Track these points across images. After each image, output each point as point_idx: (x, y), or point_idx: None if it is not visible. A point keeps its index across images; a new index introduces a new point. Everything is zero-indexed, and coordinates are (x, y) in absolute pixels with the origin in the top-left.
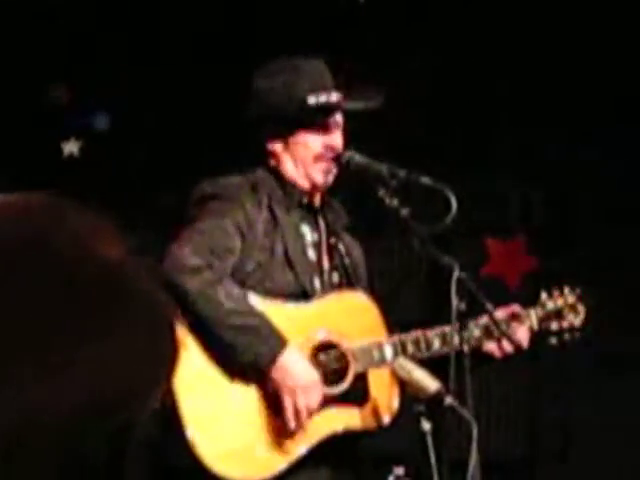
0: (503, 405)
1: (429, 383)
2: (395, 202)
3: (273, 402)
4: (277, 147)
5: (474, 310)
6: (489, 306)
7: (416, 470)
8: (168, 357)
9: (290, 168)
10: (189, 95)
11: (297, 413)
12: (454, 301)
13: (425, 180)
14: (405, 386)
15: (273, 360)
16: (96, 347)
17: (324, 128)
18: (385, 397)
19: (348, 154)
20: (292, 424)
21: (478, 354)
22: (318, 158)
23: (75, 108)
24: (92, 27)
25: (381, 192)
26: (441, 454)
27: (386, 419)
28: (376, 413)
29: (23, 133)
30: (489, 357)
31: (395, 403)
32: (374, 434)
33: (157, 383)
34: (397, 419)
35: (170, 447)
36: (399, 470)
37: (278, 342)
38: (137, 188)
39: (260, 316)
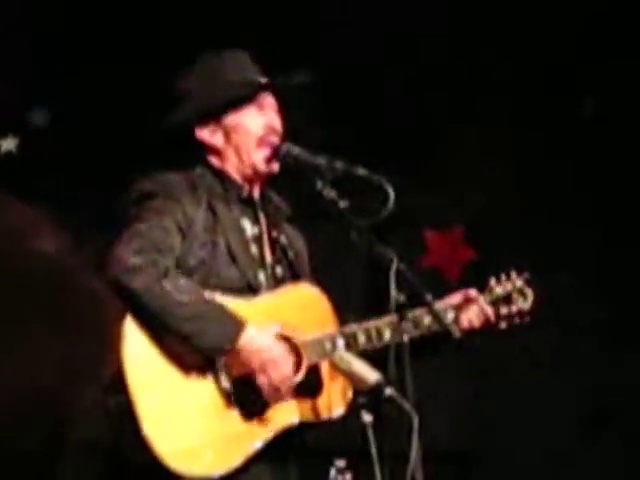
0: (444, 396)
1: (369, 375)
2: (333, 194)
3: (229, 396)
4: (217, 141)
5: (413, 301)
6: (428, 297)
7: (357, 462)
8: (109, 348)
9: (234, 161)
10: (129, 91)
11: (275, 388)
12: (393, 292)
13: (362, 172)
14: (345, 378)
15: (235, 340)
16: (35, 337)
17: (258, 106)
18: (339, 388)
19: (286, 146)
20: (273, 400)
21: (435, 338)
22: (260, 143)
23: (12, 104)
24: (31, 23)
25: (319, 184)
26: (382, 446)
27: (340, 410)
28: (330, 404)
29: None
30: (446, 339)
31: (349, 393)
32: (326, 425)
33: (97, 373)
34: None
35: (126, 444)
36: (341, 462)
37: (237, 323)
38: (75, 185)
39: (212, 302)
